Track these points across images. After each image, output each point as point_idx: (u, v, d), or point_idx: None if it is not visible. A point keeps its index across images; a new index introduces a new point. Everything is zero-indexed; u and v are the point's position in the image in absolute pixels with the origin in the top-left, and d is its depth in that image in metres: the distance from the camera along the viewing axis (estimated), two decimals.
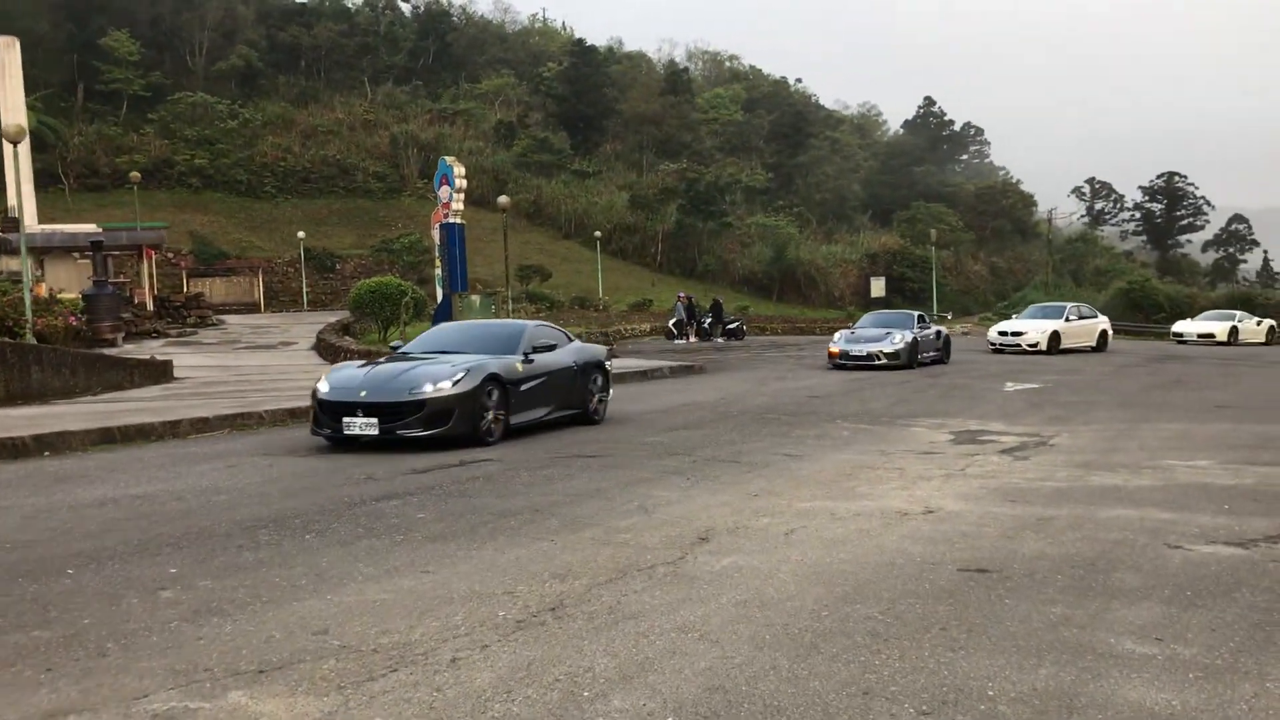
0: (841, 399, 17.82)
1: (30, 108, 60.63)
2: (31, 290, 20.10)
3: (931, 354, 26.38)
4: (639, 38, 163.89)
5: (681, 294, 42.79)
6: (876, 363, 24.65)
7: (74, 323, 20.36)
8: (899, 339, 25.03)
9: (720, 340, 40.27)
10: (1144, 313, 54.29)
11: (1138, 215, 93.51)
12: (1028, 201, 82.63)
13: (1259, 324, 42.94)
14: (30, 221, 35.81)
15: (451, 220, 28.43)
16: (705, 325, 41.34)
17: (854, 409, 16.18)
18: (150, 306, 36.29)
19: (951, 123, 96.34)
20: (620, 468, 10.27)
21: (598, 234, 59.23)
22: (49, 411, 14.83)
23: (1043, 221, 78.42)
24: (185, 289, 50.22)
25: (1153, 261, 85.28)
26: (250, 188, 66.69)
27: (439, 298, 29.51)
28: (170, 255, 54.69)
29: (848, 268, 68.46)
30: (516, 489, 9.08)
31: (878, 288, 64.25)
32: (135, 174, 51.51)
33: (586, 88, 78.68)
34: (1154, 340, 44.96)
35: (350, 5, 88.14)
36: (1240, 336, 41.24)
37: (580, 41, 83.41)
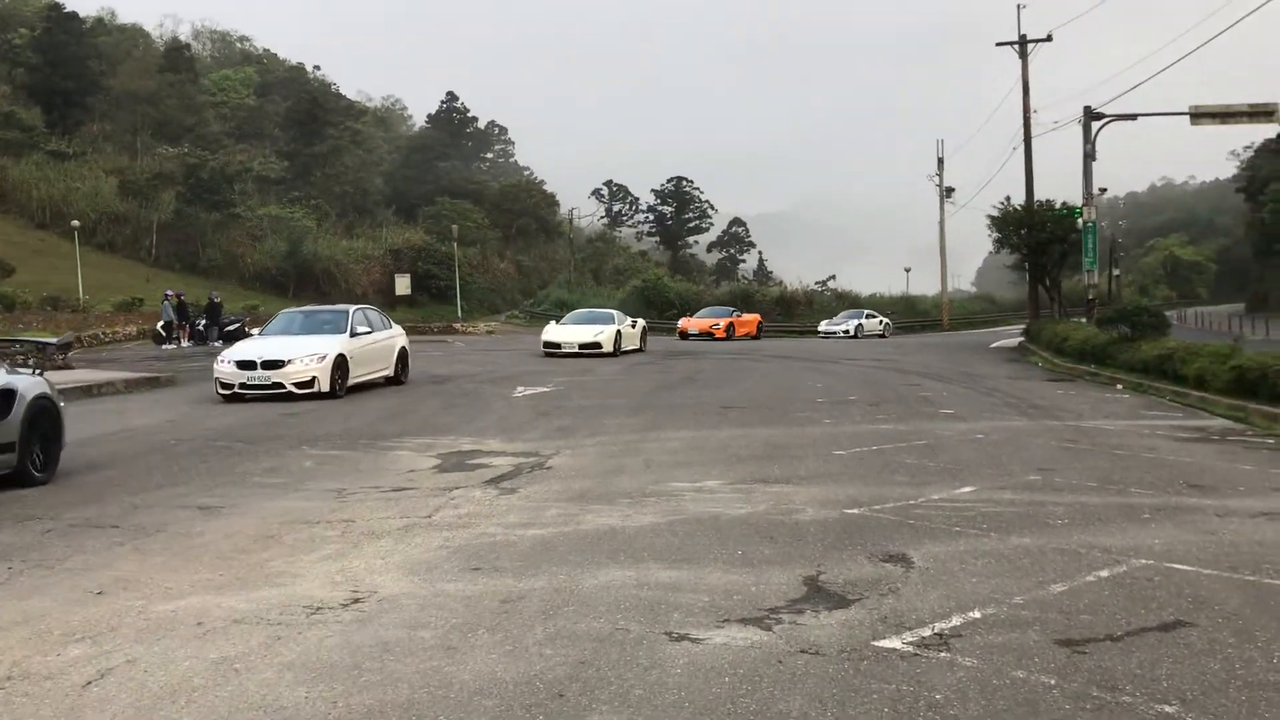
0: (318, 415, 15.08)
1: None
2: None
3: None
4: (136, 11, 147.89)
5: (169, 291, 37.58)
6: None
7: None
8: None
9: (218, 344, 35.72)
10: (657, 308, 56.15)
11: (651, 217, 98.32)
12: (551, 201, 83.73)
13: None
14: None
15: None
16: (200, 327, 36.60)
17: (335, 428, 13.52)
18: None
19: (475, 119, 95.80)
20: None
21: (76, 224, 51.41)
22: None
23: (565, 221, 79.92)
24: None
25: (666, 260, 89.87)
26: None
27: None
28: None
29: (371, 264, 65.12)
30: None
31: (403, 285, 61.60)
32: None
33: (65, 58, 68.68)
34: (664, 336, 46.24)
35: None
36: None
37: (58, 6, 72.88)
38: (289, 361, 17.03)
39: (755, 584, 5.86)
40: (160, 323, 36.37)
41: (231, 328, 37.36)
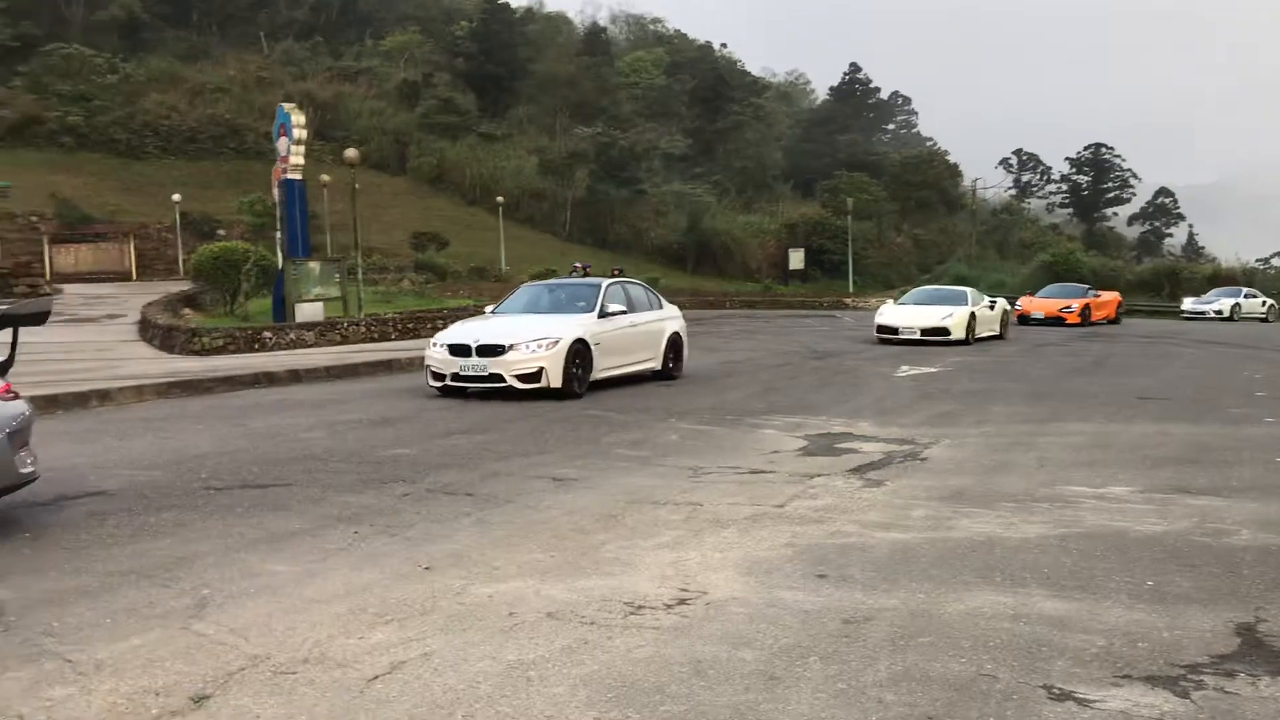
0: (699, 388, 14.83)
1: None
2: None
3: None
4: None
5: (577, 264, 39.52)
6: None
7: None
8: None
9: None
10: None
11: (1064, 188, 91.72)
12: (954, 172, 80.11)
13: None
14: None
15: (290, 176, 24.86)
16: None
17: (706, 402, 13.17)
18: None
19: (878, 90, 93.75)
20: (278, 506, 7.11)
21: (500, 200, 55.62)
22: None
23: (968, 193, 76.26)
24: (50, 258, 46.02)
25: (1079, 234, 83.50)
26: (130, 148, 61.91)
27: (282, 265, 25.97)
28: (33, 219, 50.29)
29: (766, 239, 65.52)
30: None
31: (796, 259, 61.33)
32: None
33: (498, 46, 74.57)
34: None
35: None
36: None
37: None
38: (510, 347, 13.30)
39: (1168, 629, 4.64)
40: None
41: None
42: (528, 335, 13.47)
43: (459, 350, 13.55)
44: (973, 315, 24.31)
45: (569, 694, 3.86)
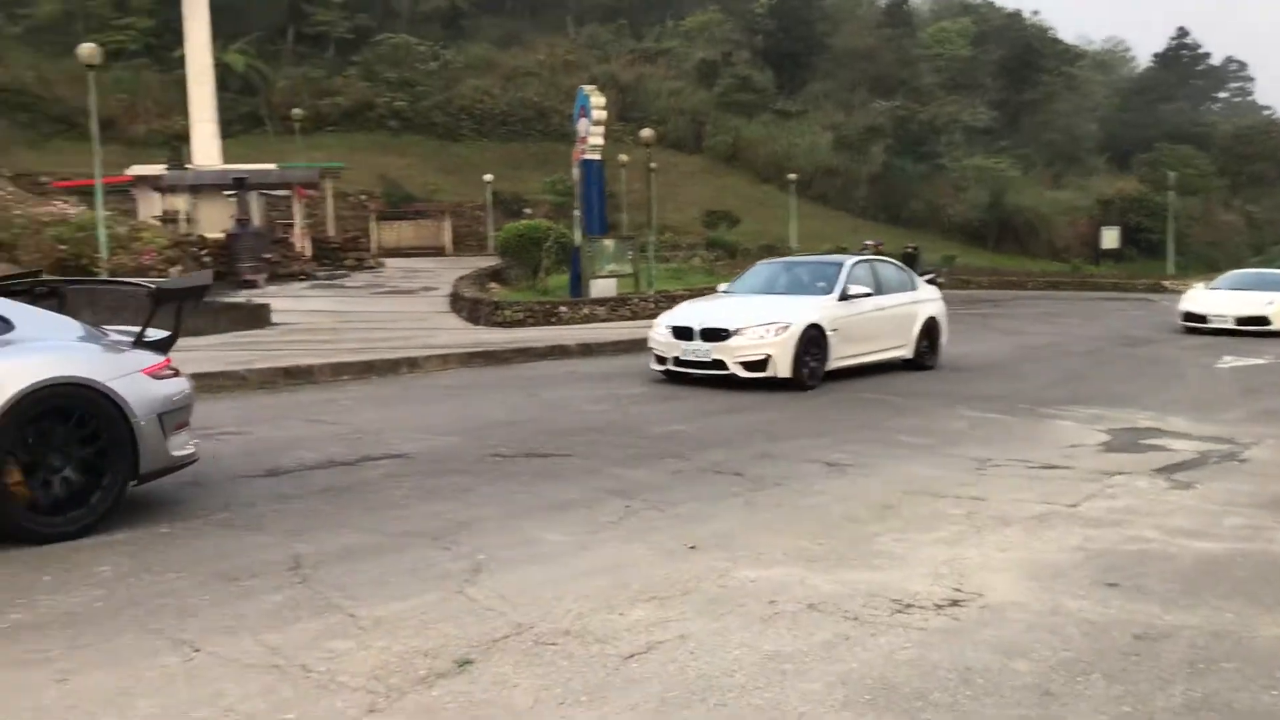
0: (993, 374, 14.13)
1: (240, 52, 62.10)
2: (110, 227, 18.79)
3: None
4: None
5: (868, 241, 38.70)
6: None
7: (148, 261, 18.96)
8: None
9: None
10: None
11: None
12: None
13: None
14: (213, 161, 35.66)
15: (589, 156, 25.68)
16: None
17: (999, 389, 12.52)
18: (302, 248, 35.36)
19: (1207, 56, 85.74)
20: (557, 476, 7.31)
21: (792, 176, 55.22)
22: None
23: None
24: (376, 233, 49.98)
25: None
26: (448, 130, 66.11)
27: (579, 242, 26.93)
28: (363, 198, 54.72)
29: (1076, 215, 61.58)
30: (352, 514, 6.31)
31: (1110, 238, 57.27)
32: (297, 110, 51.58)
33: (796, 22, 73.97)
34: None
35: None
36: None
37: None
38: (736, 331, 12.12)
39: None
40: None
41: (927, 277, 37.43)
42: (756, 319, 12.23)
43: (682, 333, 12.51)
44: None
45: (825, 692, 3.71)
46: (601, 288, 23.27)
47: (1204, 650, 4.18)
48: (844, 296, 13.07)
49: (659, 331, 12.89)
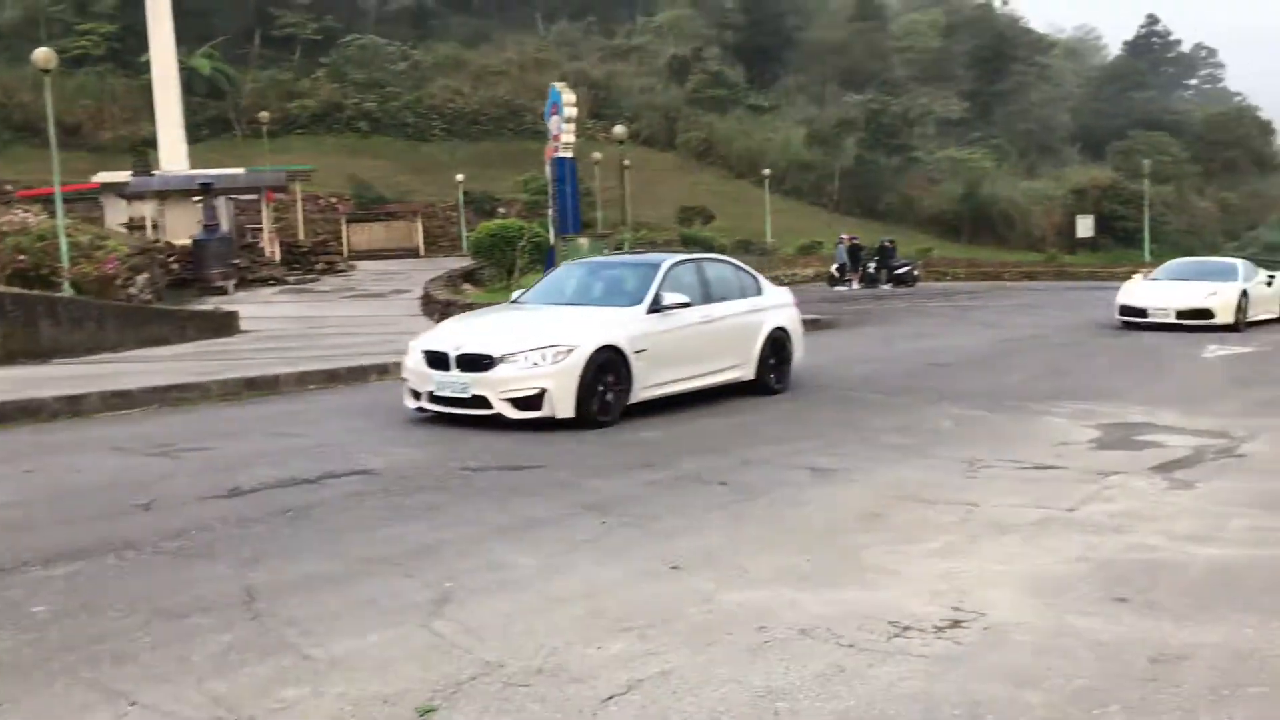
0: (974, 369, 13.87)
1: (207, 55, 61.27)
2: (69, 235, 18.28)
3: None
4: None
5: (844, 235, 38.50)
6: None
7: (111, 271, 18.46)
8: None
9: (886, 287, 35.87)
10: None
11: None
12: (1266, 130, 72.74)
13: None
14: (180, 166, 35.08)
15: (562, 154, 25.35)
16: (870, 270, 36.97)
17: (983, 385, 12.25)
18: (272, 252, 34.82)
19: (1178, 43, 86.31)
20: (529, 492, 6.96)
21: (766, 171, 55.02)
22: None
23: None
24: (347, 236, 49.41)
25: None
26: (418, 131, 65.53)
27: (553, 241, 26.58)
28: (333, 200, 54.11)
29: (1050, 205, 61.70)
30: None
31: (1084, 227, 57.41)
32: (265, 114, 51.12)
33: (766, 16, 73.79)
34: None
35: None
36: None
37: None
38: (500, 359, 9.28)
39: None
40: (834, 265, 37.37)
41: (900, 270, 37.30)
42: (529, 341, 9.42)
43: (436, 360, 9.61)
44: (1244, 294, 19.35)
45: (878, 696, 3.39)
46: None
47: (1226, 673, 3.88)
48: (656, 307, 10.30)
49: (412, 358, 9.92)
